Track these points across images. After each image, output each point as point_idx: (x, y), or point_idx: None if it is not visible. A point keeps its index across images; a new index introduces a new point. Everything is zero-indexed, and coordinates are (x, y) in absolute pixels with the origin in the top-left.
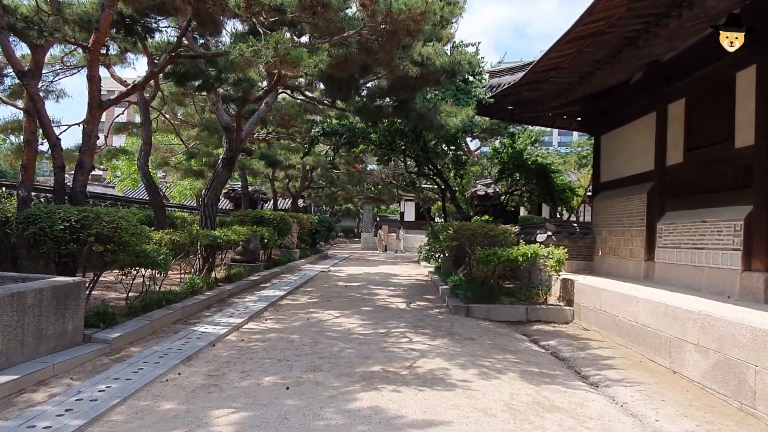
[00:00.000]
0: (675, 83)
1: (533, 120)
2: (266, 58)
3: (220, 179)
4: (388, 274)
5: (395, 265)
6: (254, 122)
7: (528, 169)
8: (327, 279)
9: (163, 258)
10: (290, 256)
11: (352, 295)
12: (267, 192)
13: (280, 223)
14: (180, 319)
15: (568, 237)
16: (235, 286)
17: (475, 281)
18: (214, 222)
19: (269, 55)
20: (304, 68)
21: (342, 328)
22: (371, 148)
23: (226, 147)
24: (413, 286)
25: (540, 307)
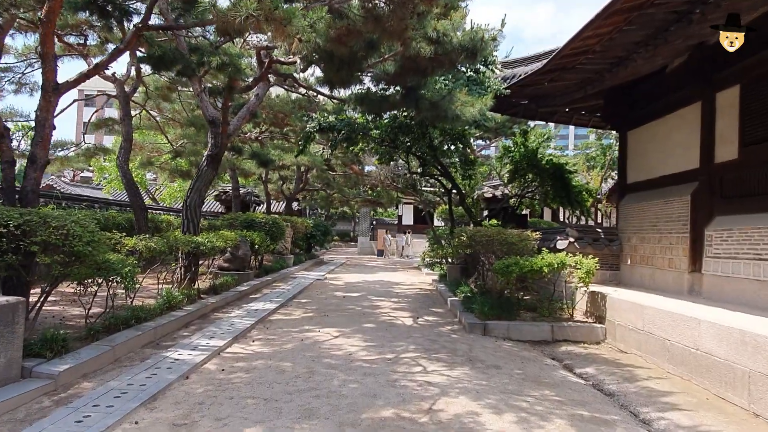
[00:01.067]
0: (726, 68)
1: (548, 116)
2: (248, 11)
3: (205, 179)
4: (389, 282)
5: (395, 272)
6: (243, 117)
7: (542, 169)
8: (323, 288)
9: (129, 270)
10: (283, 262)
11: (351, 309)
12: (260, 194)
13: (273, 227)
14: (151, 341)
15: (592, 244)
16: (221, 299)
17: (490, 294)
18: (198, 226)
19: (251, 6)
20: (296, 31)
21: (342, 352)
22: (371, 147)
23: (211, 143)
24: (418, 297)
25: (567, 324)
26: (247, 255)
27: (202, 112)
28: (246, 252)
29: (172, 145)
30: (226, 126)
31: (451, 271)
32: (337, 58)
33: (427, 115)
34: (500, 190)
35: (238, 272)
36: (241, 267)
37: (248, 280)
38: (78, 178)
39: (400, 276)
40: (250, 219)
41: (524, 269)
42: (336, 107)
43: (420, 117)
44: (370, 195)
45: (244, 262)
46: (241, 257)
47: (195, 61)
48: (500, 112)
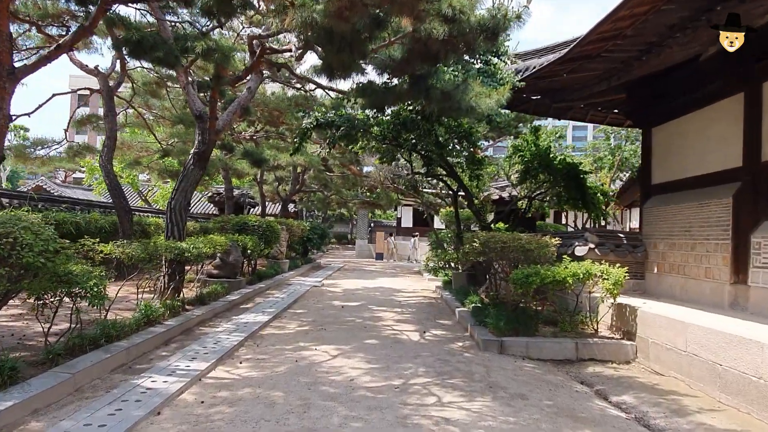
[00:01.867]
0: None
1: (562, 112)
2: None
3: (191, 178)
4: (390, 289)
5: (395, 277)
6: (234, 111)
7: (555, 169)
8: (320, 296)
9: (95, 283)
10: (278, 267)
11: (351, 321)
12: (255, 196)
13: (267, 230)
14: (122, 364)
15: (615, 250)
16: (208, 310)
17: (504, 305)
18: (183, 230)
19: None
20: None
21: (342, 377)
22: (372, 145)
23: (198, 140)
24: (422, 306)
25: (592, 341)
26: (238, 261)
27: (189, 107)
28: (237, 258)
29: (160, 143)
30: (215, 121)
31: (457, 278)
32: (337, 36)
33: (438, 107)
34: (507, 191)
35: (228, 280)
36: (232, 274)
37: (240, 288)
38: (70, 179)
39: (401, 282)
40: (242, 222)
41: (546, 280)
42: (334, 102)
43: (430, 109)
44: (369, 197)
45: (236, 268)
46: (231, 263)
47: (178, 47)
48: (510, 108)
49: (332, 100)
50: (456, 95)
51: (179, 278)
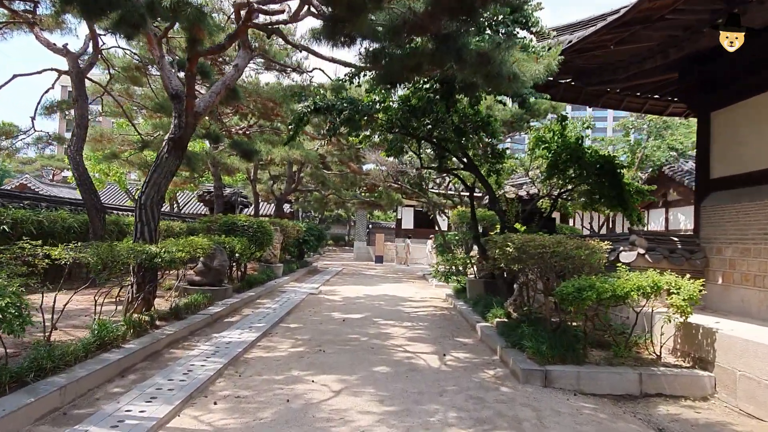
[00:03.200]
0: None
1: (593, 98)
2: None
3: (165, 169)
4: (396, 297)
5: (399, 282)
6: (218, 92)
7: (587, 163)
8: (318, 307)
9: (10, 303)
10: (271, 272)
11: (354, 339)
12: (249, 195)
13: (258, 231)
14: (55, 409)
15: (669, 257)
16: (184, 327)
17: (542, 324)
18: (155, 231)
19: None
20: None
21: (349, 428)
22: (378, 135)
23: (174, 123)
24: (435, 320)
25: (658, 371)
26: (224, 266)
27: (163, 85)
28: (223, 262)
29: (140, 134)
30: (192, 100)
31: (473, 286)
32: None
33: (472, 73)
34: (525, 189)
35: (212, 288)
36: (217, 281)
37: (225, 298)
38: (59, 178)
39: (406, 288)
40: (230, 222)
41: (604, 295)
42: (335, 85)
43: (462, 76)
44: (370, 196)
45: (221, 274)
46: (216, 269)
47: (142, 3)
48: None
49: (332, 82)
50: (496, 57)
51: (150, 288)
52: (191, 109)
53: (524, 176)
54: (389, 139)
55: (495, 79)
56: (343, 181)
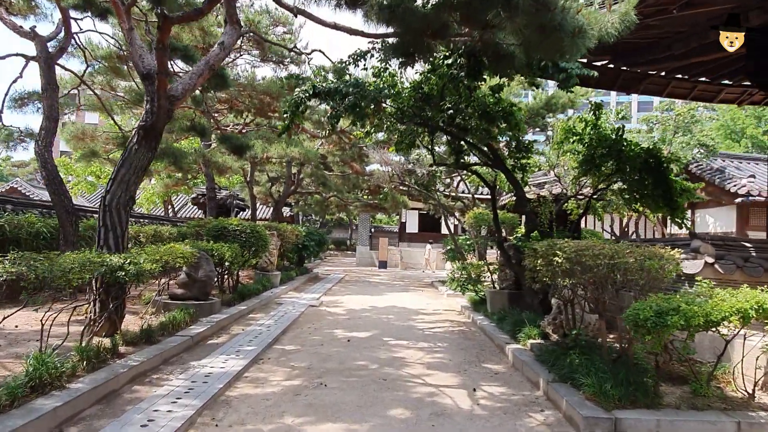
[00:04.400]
0: None
1: (632, 83)
2: None
3: (135, 163)
4: (405, 309)
5: (406, 291)
6: (200, 73)
7: (628, 158)
8: (318, 322)
9: None
10: (267, 281)
11: (362, 368)
12: (246, 198)
13: (251, 237)
14: None
15: (742, 267)
16: (156, 354)
17: (596, 351)
18: (124, 237)
19: None
20: None
21: None
22: (388, 127)
23: (146, 108)
24: (455, 339)
25: (756, 416)
26: (210, 277)
27: (133, 64)
28: (209, 273)
29: (121, 129)
30: (165, 79)
31: (495, 298)
32: None
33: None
34: (548, 189)
35: (197, 302)
36: (202, 294)
37: (212, 313)
38: None
39: (415, 299)
40: (220, 226)
41: (694, 321)
42: (336, 67)
43: (513, 26)
44: (373, 199)
45: (207, 286)
46: (201, 280)
47: None
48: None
49: (334, 65)
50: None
51: (117, 306)
52: (164, 91)
53: (546, 174)
54: (400, 131)
55: (553, 35)
56: (345, 182)
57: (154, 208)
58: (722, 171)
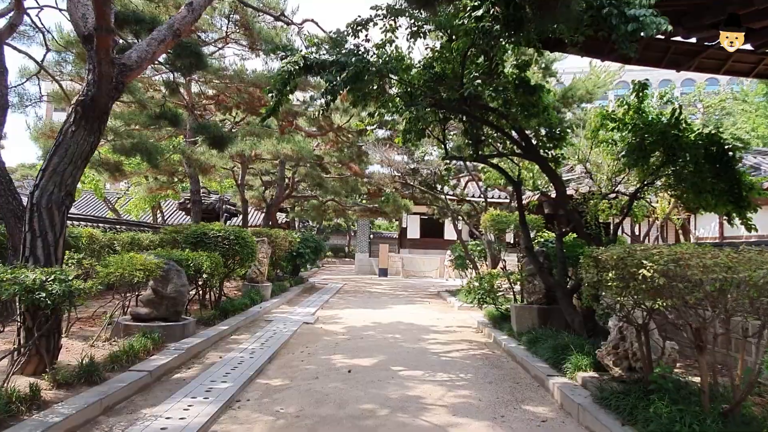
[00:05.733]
0: None
1: (684, 58)
2: None
3: (72, 149)
4: (414, 326)
5: (412, 303)
6: (161, 39)
7: (686, 146)
8: (313, 344)
9: None
10: (256, 294)
11: (368, 414)
12: (239, 203)
13: (236, 244)
14: None
15: None
16: (93, 400)
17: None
18: (58, 246)
19: None
20: None
21: None
22: (395, 110)
23: (88, 79)
24: (477, 365)
25: None
26: (181, 293)
27: (71, 22)
28: (180, 288)
29: None
30: (107, 37)
31: (522, 314)
32: None
33: None
34: (572, 186)
35: (165, 323)
36: (172, 313)
37: (184, 336)
38: None
39: (422, 312)
40: (200, 232)
41: None
42: (333, 38)
43: None
44: (375, 203)
45: (177, 303)
46: (170, 297)
47: None
48: (601, 56)
49: (330, 35)
50: None
51: (45, 336)
52: (106, 53)
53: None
54: (408, 118)
55: None
56: (343, 185)
57: (144, 214)
58: (758, 168)
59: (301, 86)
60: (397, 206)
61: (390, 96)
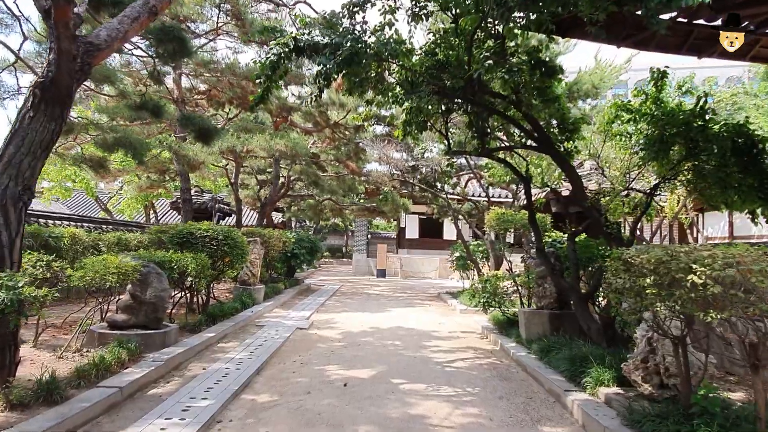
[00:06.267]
0: None
1: (706, 43)
2: None
3: (31, 138)
4: (414, 331)
5: (412, 306)
6: (134, 17)
7: (713, 139)
8: (307, 352)
9: None
10: (248, 297)
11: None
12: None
13: (224, 244)
14: None
15: None
16: (51, 423)
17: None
18: (14, 247)
19: None
20: None
21: None
22: (394, 99)
23: (48, 59)
24: (485, 377)
25: None
26: (161, 298)
27: None
28: (161, 293)
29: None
30: (67, 8)
31: (532, 320)
32: None
33: None
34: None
35: (144, 331)
36: (152, 320)
37: (165, 346)
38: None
39: (423, 315)
40: (186, 232)
41: None
42: (325, 19)
43: None
44: (372, 202)
45: (158, 310)
46: (150, 302)
47: None
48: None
49: (322, 17)
50: None
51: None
52: (65, 27)
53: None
54: (408, 108)
55: None
56: (340, 183)
57: (137, 214)
58: None
59: (297, 80)
60: (396, 205)
61: (389, 84)
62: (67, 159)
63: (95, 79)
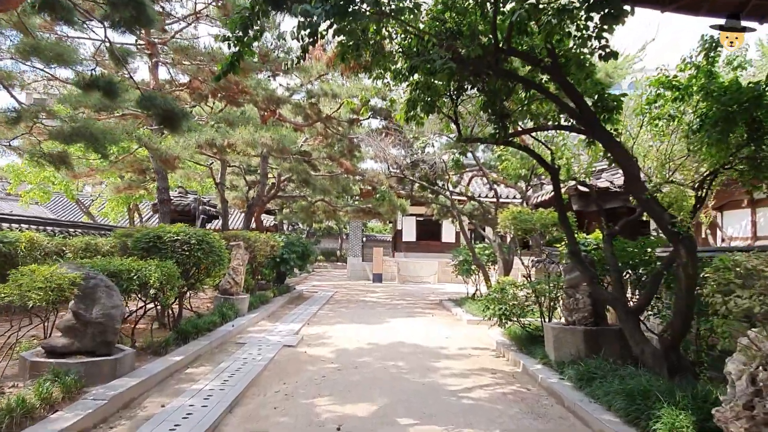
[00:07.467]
0: None
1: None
2: None
3: None
4: (419, 348)
5: (412, 316)
6: None
7: None
8: (292, 381)
9: None
10: (230, 308)
11: None
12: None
13: (198, 249)
14: None
15: None
16: None
17: None
18: None
19: None
20: None
21: None
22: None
23: None
24: (511, 412)
25: None
26: (112, 316)
27: None
28: (110, 310)
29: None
30: None
31: (564, 338)
32: None
33: None
34: (605, 177)
35: (90, 358)
36: (100, 344)
37: (116, 376)
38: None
39: (426, 327)
40: (153, 236)
41: None
42: None
43: None
44: (369, 202)
45: (107, 331)
46: (97, 322)
47: None
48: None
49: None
50: None
51: None
52: None
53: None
54: (413, 83)
55: None
56: (333, 183)
57: (122, 219)
58: None
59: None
60: (393, 206)
61: (389, 54)
62: (23, 154)
63: (46, 57)
